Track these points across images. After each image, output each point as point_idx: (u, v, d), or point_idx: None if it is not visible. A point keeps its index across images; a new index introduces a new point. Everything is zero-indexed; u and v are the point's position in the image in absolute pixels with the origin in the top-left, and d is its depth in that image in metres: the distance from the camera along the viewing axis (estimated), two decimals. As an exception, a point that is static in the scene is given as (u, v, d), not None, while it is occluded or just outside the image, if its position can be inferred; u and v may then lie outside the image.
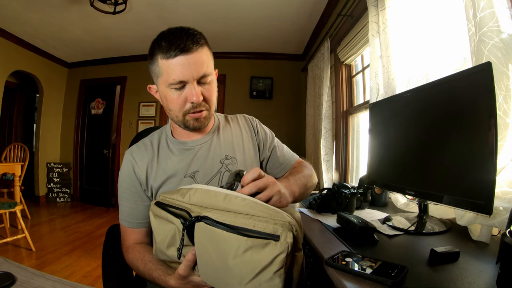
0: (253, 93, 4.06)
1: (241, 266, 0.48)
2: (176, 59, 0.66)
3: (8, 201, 2.29)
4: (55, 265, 2.14)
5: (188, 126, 0.76)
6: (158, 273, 0.64)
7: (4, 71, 3.55)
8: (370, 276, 0.53)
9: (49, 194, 4.34)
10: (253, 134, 0.91)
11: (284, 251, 0.46)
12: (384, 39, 1.40)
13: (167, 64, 0.67)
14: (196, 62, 0.68)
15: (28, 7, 2.84)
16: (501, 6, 0.76)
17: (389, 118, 1.06)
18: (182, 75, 0.67)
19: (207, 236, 0.51)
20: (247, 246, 0.47)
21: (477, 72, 0.68)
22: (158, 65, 0.69)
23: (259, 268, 0.47)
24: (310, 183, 0.83)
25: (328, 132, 2.57)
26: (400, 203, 1.19)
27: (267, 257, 0.46)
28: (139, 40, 3.64)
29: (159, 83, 0.73)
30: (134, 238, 0.78)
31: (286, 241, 0.47)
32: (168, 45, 0.66)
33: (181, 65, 0.66)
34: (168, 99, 0.72)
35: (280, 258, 0.46)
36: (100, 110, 4.42)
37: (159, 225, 0.62)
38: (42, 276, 0.58)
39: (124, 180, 0.79)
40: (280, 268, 0.46)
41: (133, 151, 0.80)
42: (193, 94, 0.69)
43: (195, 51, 0.67)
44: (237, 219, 0.50)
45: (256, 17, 2.98)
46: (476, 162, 0.66)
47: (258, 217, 0.49)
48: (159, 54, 0.68)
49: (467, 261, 0.61)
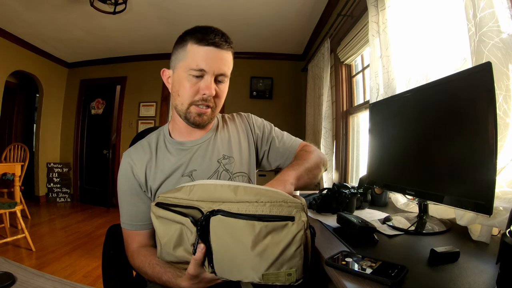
0: (253, 93, 4.06)
1: (264, 250, 0.51)
2: (206, 48, 0.70)
3: (8, 201, 2.29)
4: (55, 265, 2.14)
5: (189, 118, 0.76)
6: (168, 276, 0.64)
7: (4, 71, 3.55)
8: (370, 276, 0.53)
9: (49, 194, 4.34)
10: (249, 132, 0.90)
11: (301, 229, 0.51)
12: (384, 39, 1.40)
13: (196, 50, 0.70)
14: (221, 59, 0.72)
15: (28, 7, 2.84)
16: (501, 6, 0.76)
17: (389, 118, 1.06)
18: (205, 65, 0.70)
19: (224, 229, 0.53)
20: (267, 230, 0.51)
21: (477, 72, 0.68)
22: (185, 49, 0.71)
23: (281, 248, 0.50)
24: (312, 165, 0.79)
25: (328, 132, 2.57)
26: (400, 203, 1.19)
27: (287, 237, 0.50)
28: (139, 40, 3.64)
29: (178, 67, 0.74)
30: (138, 242, 0.77)
31: (301, 220, 0.51)
32: (203, 35, 0.70)
33: (209, 55, 0.70)
34: (182, 84, 0.73)
35: (299, 236, 0.51)
36: (100, 110, 4.42)
37: (163, 226, 0.61)
38: (42, 276, 0.58)
39: (123, 182, 0.78)
40: (299, 246, 0.51)
41: (131, 153, 0.80)
42: (208, 87, 0.71)
43: (224, 50, 0.72)
44: (252, 207, 0.52)
45: (256, 17, 2.98)
46: (476, 162, 0.66)
47: (271, 203, 0.52)
48: (191, 40, 0.71)
49: (467, 261, 0.61)
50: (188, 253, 0.59)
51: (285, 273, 0.51)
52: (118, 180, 0.79)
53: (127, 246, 0.78)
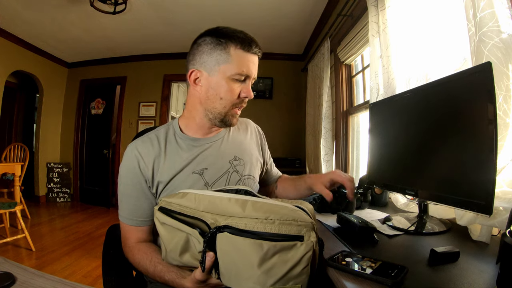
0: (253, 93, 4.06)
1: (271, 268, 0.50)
2: (252, 56, 0.75)
3: (8, 201, 2.29)
4: (55, 265, 2.14)
5: (226, 120, 0.78)
6: (172, 276, 0.63)
7: (4, 71, 3.55)
8: (370, 276, 0.53)
9: (49, 194, 4.33)
10: (258, 142, 0.96)
11: (310, 250, 0.50)
12: (384, 39, 1.40)
13: (243, 55, 0.73)
14: (257, 66, 0.78)
15: (28, 7, 2.84)
16: (501, 6, 0.76)
17: (389, 118, 1.06)
18: (251, 71, 0.75)
19: (231, 245, 0.52)
20: (275, 250, 0.50)
21: (477, 72, 0.68)
22: (228, 52, 0.72)
23: (287, 268, 0.50)
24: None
25: (328, 132, 2.57)
26: (400, 203, 1.19)
27: (295, 257, 0.50)
28: (139, 40, 3.64)
29: (218, 70, 0.73)
30: (137, 237, 0.76)
31: (310, 240, 0.51)
32: (245, 41, 0.73)
33: (252, 62, 0.75)
34: (224, 88, 0.74)
35: (306, 256, 0.50)
36: (100, 110, 4.42)
37: (167, 233, 0.61)
38: (42, 276, 0.58)
39: (127, 175, 0.75)
40: (307, 265, 0.51)
41: (138, 146, 0.76)
42: (250, 91, 0.77)
43: (259, 57, 0.78)
44: (261, 224, 0.51)
45: (256, 17, 2.98)
46: (476, 162, 0.66)
47: (280, 221, 0.51)
48: (234, 43, 0.72)
49: (467, 261, 0.61)
50: (195, 259, 0.58)
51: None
52: (121, 172, 0.76)
53: (125, 241, 0.76)
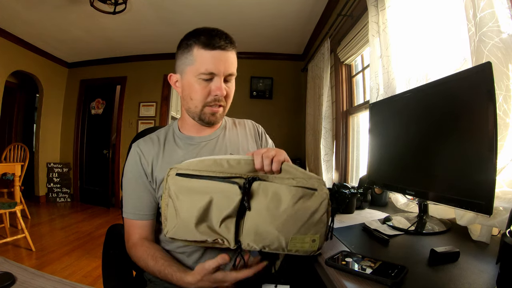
0: (253, 93, 4.06)
1: (296, 212, 0.58)
2: (213, 52, 0.73)
3: (8, 201, 2.29)
4: (55, 265, 2.14)
5: (203, 119, 0.80)
6: (173, 269, 0.65)
7: (4, 71, 3.55)
8: (370, 276, 0.53)
9: (49, 194, 4.33)
10: (257, 139, 0.95)
11: (325, 198, 0.59)
12: (384, 39, 1.40)
13: (204, 54, 0.73)
14: (228, 60, 0.75)
15: (28, 7, 2.84)
16: (501, 6, 0.76)
17: (389, 118, 1.06)
18: (214, 68, 0.73)
19: (263, 192, 0.60)
20: (299, 195, 0.59)
21: (477, 72, 0.68)
22: (192, 54, 0.74)
23: (310, 212, 0.58)
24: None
25: (328, 132, 2.57)
26: (400, 203, 1.19)
27: (315, 203, 0.59)
28: (139, 40, 3.64)
29: (187, 72, 0.76)
30: (139, 233, 0.77)
31: (323, 191, 0.60)
32: (207, 39, 0.72)
33: (216, 58, 0.73)
34: (193, 88, 0.76)
35: (324, 203, 0.59)
36: (100, 110, 4.42)
37: (185, 198, 0.61)
38: (42, 276, 0.58)
39: (130, 170, 0.80)
40: (324, 212, 0.59)
41: (140, 144, 0.82)
42: (219, 88, 0.75)
43: (229, 51, 0.75)
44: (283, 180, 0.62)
45: (256, 17, 2.98)
46: (476, 162, 0.66)
47: (296, 178, 0.62)
48: (197, 45, 0.73)
49: (467, 261, 0.61)
50: (211, 232, 0.60)
51: (310, 238, 0.58)
52: (125, 168, 0.82)
53: (128, 238, 0.78)
